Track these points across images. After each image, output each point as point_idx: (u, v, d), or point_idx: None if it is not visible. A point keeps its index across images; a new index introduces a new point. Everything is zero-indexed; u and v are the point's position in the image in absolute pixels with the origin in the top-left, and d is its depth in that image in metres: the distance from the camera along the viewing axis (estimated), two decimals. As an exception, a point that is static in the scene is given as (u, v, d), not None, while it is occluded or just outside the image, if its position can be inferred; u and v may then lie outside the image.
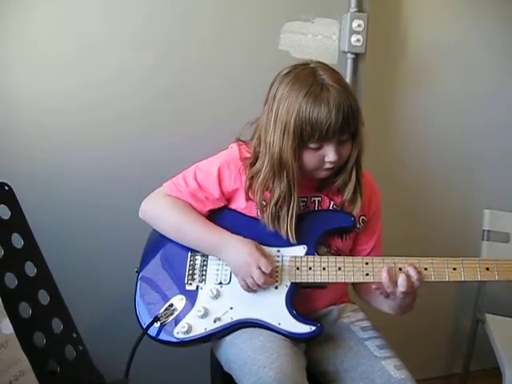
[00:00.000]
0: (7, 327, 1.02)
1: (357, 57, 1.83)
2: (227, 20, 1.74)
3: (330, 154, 1.21)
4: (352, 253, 1.40)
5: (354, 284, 1.43)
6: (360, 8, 1.80)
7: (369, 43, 1.81)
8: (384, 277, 1.19)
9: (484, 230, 2.02)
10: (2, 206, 1.14)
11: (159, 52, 1.69)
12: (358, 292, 1.45)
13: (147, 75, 1.69)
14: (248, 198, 1.30)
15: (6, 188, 1.16)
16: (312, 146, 1.21)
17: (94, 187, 1.67)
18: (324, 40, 1.84)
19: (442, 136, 2.10)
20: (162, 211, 1.34)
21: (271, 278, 1.25)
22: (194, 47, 1.71)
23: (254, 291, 1.25)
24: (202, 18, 1.71)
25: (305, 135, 1.19)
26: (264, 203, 1.27)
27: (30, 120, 1.62)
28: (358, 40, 1.80)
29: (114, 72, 1.66)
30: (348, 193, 1.30)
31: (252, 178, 1.29)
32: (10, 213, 1.15)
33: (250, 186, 1.29)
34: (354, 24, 1.79)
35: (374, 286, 1.21)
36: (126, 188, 1.67)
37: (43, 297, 1.15)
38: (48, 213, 1.59)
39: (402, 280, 1.18)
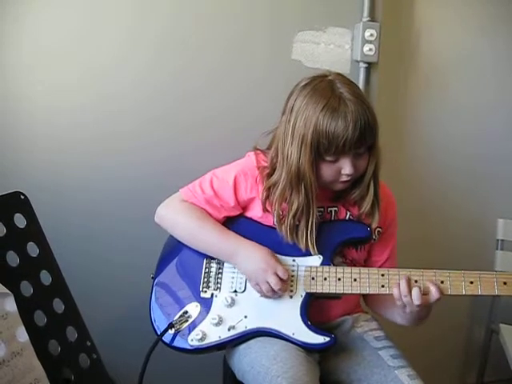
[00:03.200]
0: (23, 335, 1.02)
1: (369, 66, 1.84)
2: (240, 30, 1.75)
3: (346, 167, 1.21)
4: (366, 263, 1.40)
5: (365, 296, 1.43)
6: (372, 17, 1.81)
7: (381, 52, 1.81)
8: (402, 284, 1.18)
9: (498, 240, 2.00)
10: (18, 214, 1.15)
11: (172, 64, 1.70)
12: (369, 304, 1.44)
13: (160, 87, 1.70)
14: (265, 209, 1.30)
15: (22, 197, 1.17)
16: (328, 158, 1.21)
17: (107, 197, 1.68)
18: (336, 49, 1.84)
19: (455, 144, 2.09)
20: (177, 217, 1.34)
21: (286, 285, 1.25)
22: (207, 57, 1.72)
23: (268, 297, 1.25)
24: (216, 28, 1.72)
25: (321, 148, 1.19)
26: (281, 215, 1.27)
27: (45, 132, 1.63)
28: (370, 49, 1.80)
29: (128, 84, 1.68)
30: (366, 206, 1.29)
31: (269, 189, 1.29)
32: (25, 221, 1.16)
33: (267, 197, 1.29)
34: (367, 33, 1.79)
35: (395, 295, 1.19)
36: (140, 198, 1.68)
37: (58, 305, 1.15)
38: (62, 222, 1.60)
39: (415, 294, 1.16)
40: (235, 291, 1.29)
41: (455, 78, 2.05)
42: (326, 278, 1.25)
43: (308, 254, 1.28)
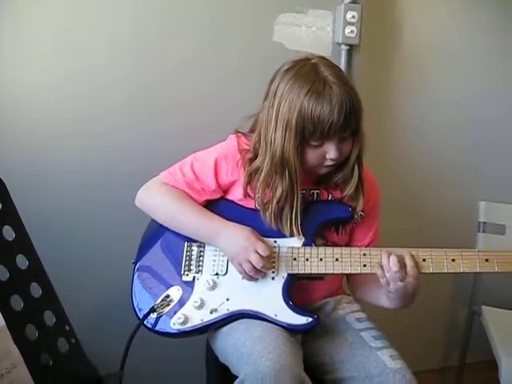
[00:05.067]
0: (-2, 319, 1.00)
1: (351, 48, 1.82)
2: (220, 12, 1.72)
3: (331, 151, 1.20)
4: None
5: (349, 280, 1.44)
6: (354, -1, 1.79)
7: (363, 34, 1.80)
8: (384, 259, 1.18)
9: (480, 222, 2.01)
10: (-7, 198, 1.13)
11: (152, 45, 1.67)
12: (353, 288, 1.44)
13: (140, 67, 1.67)
14: (246, 194, 1.29)
15: (-3, 180, 1.15)
16: (313, 143, 1.20)
17: (86, 180, 1.66)
18: (318, 31, 1.83)
19: (437, 129, 2.09)
20: (157, 199, 1.33)
21: (269, 263, 1.24)
22: (187, 38, 1.69)
23: (252, 278, 1.25)
24: (196, 9, 1.69)
25: (306, 133, 1.18)
26: (265, 201, 1.26)
27: (21, 113, 1.59)
28: (352, 31, 1.79)
29: (107, 62, 1.64)
30: (349, 189, 1.29)
31: (251, 174, 1.28)
32: (0, 205, 1.14)
33: (248, 182, 1.28)
34: (348, 15, 1.78)
35: (378, 272, 1.20)
36: (119, 181, 1.66)
37: (35, 289, 1.13)
38: (40, 206, 1.57)
39: (393, 260, 1.17)
40: (217, 274, 1.28)
41: (438, 60, 2.04)
42: (307, 259, 1.25)
43: (290, 235, 1.27)
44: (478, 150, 2.17)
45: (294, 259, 1.26)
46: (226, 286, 1.27)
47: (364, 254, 1.24)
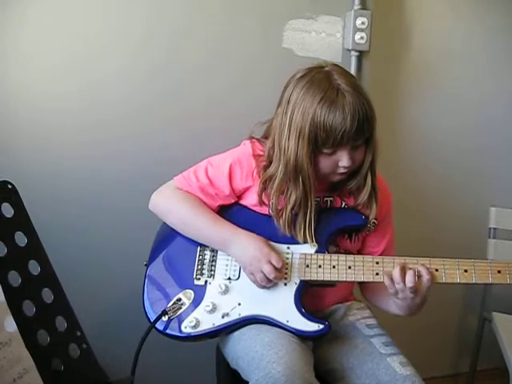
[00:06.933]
0: (11, 325, 1.01)
1: (361, 54, 1.82)
2: (231, 18, 1.73)
3: (343, 159, 1.20)
4: (362, 254, 1.38)
5: (360, 285, 1.43)
6: (364, 5, 1.79)
7: (373, 41, 1.80)
8: (396, 272, 1.18)
9: (490, 228, 2.00)
10: (6, 204, 1.14)
11: (163, 52, 1.68)
12: (364, 293, 1.44)
13: (151, 75, 1.68)
14: (261, 202, 1.29)
15: (10, 186, 1.16)
16: (326, 151, 1.21)
17: (97, 186, 1.67)
18: (328, 38, 1.83)
19: (447, 134, 2.08)
20: (171, 204, 1.33)
21: (281, 274, 1.24)
22: (197, 45, 1.70)
23: (264, 287, 1.25)
24: (206, 16, 1.70)
25: (319, 140, 1.18)
26: (279, 208, 1.27)
27: (34, 120, 1.61)
28: (361, 38, 1.79)
29: (120, 70, 1.66)
30: (362, 198, 1.29)
31: (266, 181, 1.28)
32: (13, 211, 1.15)
33: (263, 190, 1.28)
34: (358, 21, 1.77)
35: (386, 282, 1.19)
36: (131, 187, 1.67)
37: (47, 295, 1.15)
38: (51, 212, 1.58)
39: (409, 276, 1.16)
40: (229, 278, 1.29)
41: (448, 66, 2.04)
42: (320, 266, 1.25)
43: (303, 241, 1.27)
44: (488, 155, 2.16)
45: (307, 266, 1.25)
46: (238, 290, 1.27)
47: (377, 263, 1.23)
